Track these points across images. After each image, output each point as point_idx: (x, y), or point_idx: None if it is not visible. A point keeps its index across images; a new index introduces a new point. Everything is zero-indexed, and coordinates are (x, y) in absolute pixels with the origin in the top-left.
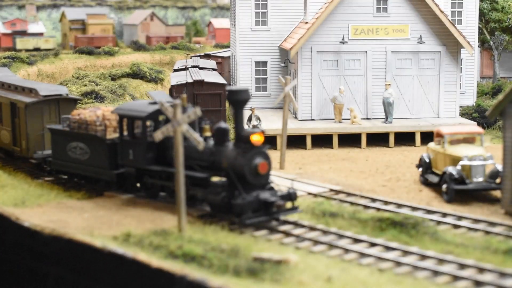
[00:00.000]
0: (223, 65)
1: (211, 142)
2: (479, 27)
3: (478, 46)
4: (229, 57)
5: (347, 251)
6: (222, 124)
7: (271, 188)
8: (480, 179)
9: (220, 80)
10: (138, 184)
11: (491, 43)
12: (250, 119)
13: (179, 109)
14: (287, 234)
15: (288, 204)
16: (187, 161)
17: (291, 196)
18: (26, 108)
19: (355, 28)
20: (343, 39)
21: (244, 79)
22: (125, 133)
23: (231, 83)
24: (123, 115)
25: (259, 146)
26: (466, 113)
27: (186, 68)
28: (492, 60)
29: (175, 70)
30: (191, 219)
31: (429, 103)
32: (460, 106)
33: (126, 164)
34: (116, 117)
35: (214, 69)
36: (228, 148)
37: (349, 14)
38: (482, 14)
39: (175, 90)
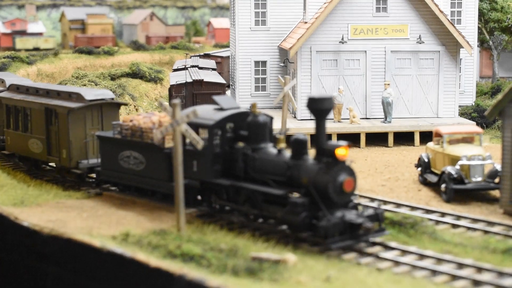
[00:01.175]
0: (223, 65)
1: (287, 154)
2: (478, 27)
3: (478, 46)
4: (228, 57)
5: (345, 250)
6: (300, 135)
7: (355, 207)
8: (479, 179)
9: (220, 79)
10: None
11: (491, 43)
12: None
13: (178, 109)
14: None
15: (375, 225)
16: (260, 175)
17: (378, 216)
18: (69, 114)
19: (354, 28)
20: (342, 39)
21: (243, 79)
22: (188, 142)
23: (231, 83)
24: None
25: (343, 161)
26: (465, 112)
27: (185, 68)
28: (492, 60)
29: (175, 70)
30: (190, 218)
31: (428, 103)
32: (459, 106)
33: (188, 176)
34: None
35: (213, 69)
36: (308, 162)
37: (348, 14)
38: (481, 14)
39: (174, 90)
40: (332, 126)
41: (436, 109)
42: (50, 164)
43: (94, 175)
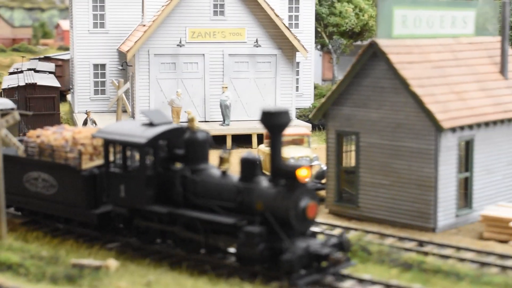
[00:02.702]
0: (64, 68)
1: (234, 176)
2: (318, 31)
3: (318, 50)
4: (69, 60)
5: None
6: (249, 154)
7: (313, 234)
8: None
9: (54, 83)
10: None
11: (330, 46)
12: (85, 123)
13: None
14: None
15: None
16: (203, 201)
17: (343, 245)
18: None
19: (192, 31)
20: (180, 42)
21: (82, 82)
22: (112, 162)
23: (71, 86)
24: (111, 141)
25: (304, 183)
26: (303, 115)
27: (21, 71)
28: (331, 63)
29: (11, 73)
30: (13, 226)
31: (266, 106)
32: (298, 109)
33: (114, 202)
34: (99, 143)
35: (51, 72)
36: (262, 185)
37: (186, 17)
38: (321, 18)
39: (5, 94)
40: None
41: None
42: None
43: None
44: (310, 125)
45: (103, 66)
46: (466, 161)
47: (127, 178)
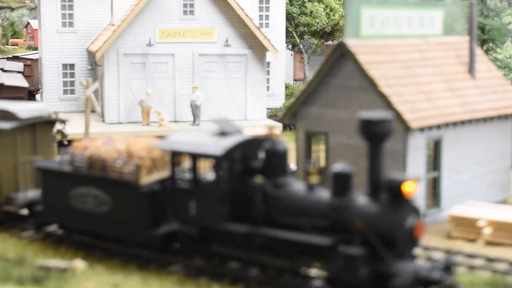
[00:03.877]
0: (33, 67)
1: (323, 191)
2: (289, 30)
3: (289, 49)
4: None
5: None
6: (343, 167)
7: (414, 257)
8: None
9: (22, 83)
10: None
11: (301, 46)
12: None
13: None
14: None
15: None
16: (289, 218)
17: (449, 267)
18: None
19: (162, 31)
20: (150, 41)
21: (51, 82)
22: (179, 176)
23: (40, 86)
24: (179, 152)
25: (410, 199)
26: (274, 115)
27: None
28: (302, 63)
29: None
30: None
31: (236, 106)
32: (269, 108)
33: (182, 221)
34: (156, 155)
35: (19, 72)
36: (360, 202)
37: (155, 17)
38: (291, 18)
39: None
40: (140, 129)
41: (244, 111)
42: None
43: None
44: (281, 125)
45: (72, 65)
46: (434, 160)
47: (199, 194)
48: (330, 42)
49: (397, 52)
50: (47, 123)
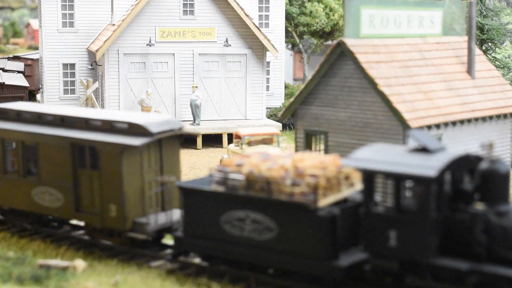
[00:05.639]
0: (33, 67)
1: None
2: (289, 30)
3: (289, 49)
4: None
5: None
6: None
7: None
8: None
9: (23, 82)
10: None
11: (301, 46)
12: None
13: None
14: None
15: None
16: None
17: None
18: (124, 154)
19: (162, 30)
20: (150, 41)
21: (51, 81)
22: (374, 200)
23: (40, 85)
24: (376, 172)
25: None
26: (273, 114)
27: None
28: (302, 63)
29: None
30: None
31: (236, 105)
32: (268, 108)
33: (378, 253)
34: (331, 173)
35: (20, 72)
36: None
37: (155, 17)
38: (291, 18)
39: None
40: None
41: (244, 111)
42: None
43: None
44: (280, 124)
45: (72, 65)
46: None
47: (402, 222)
48: (329, 42)
49: (397, 52)
50: (175, 137)
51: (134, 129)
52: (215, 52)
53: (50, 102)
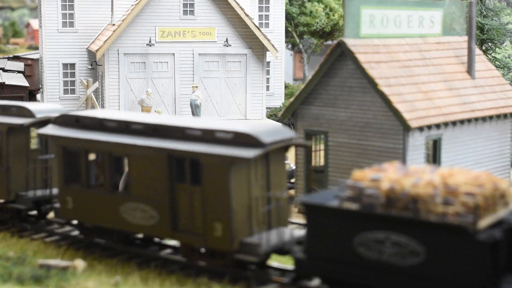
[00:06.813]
0: (33, 67)
1: None
2: (289, 30)
3: (289, 49)
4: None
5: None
6: None
7: None
8: None
9: (23, 82)
10: None
11: (301, 46)
12: None
13: None
14: None
15: None
16: None
17: None
18: (232, 167)
19: (162, 30)
20: (150, 41)
21: (51, 81)
22: None
23: (40, 85)
24: None
25: None
26: (273, 114)
27: None
28: (302, 63)
29: None
30: None
31: (236, 105)
32: (268, 108)
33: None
34: (487, 191)
35: (20, 71)
36: None
37: (155, 17)
38: (291, 17)
39: None
40: None
41: (244, 111)
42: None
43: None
44: (280, 124)
45: (72, 65)
46: (433, 160)
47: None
48: (329, 42)
49: (397, 52)
50: (283, 148)
51: (242, 139)
52: (215, 52)
53: (50, 102)
